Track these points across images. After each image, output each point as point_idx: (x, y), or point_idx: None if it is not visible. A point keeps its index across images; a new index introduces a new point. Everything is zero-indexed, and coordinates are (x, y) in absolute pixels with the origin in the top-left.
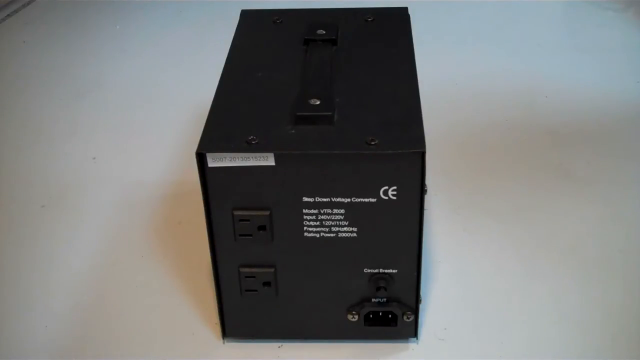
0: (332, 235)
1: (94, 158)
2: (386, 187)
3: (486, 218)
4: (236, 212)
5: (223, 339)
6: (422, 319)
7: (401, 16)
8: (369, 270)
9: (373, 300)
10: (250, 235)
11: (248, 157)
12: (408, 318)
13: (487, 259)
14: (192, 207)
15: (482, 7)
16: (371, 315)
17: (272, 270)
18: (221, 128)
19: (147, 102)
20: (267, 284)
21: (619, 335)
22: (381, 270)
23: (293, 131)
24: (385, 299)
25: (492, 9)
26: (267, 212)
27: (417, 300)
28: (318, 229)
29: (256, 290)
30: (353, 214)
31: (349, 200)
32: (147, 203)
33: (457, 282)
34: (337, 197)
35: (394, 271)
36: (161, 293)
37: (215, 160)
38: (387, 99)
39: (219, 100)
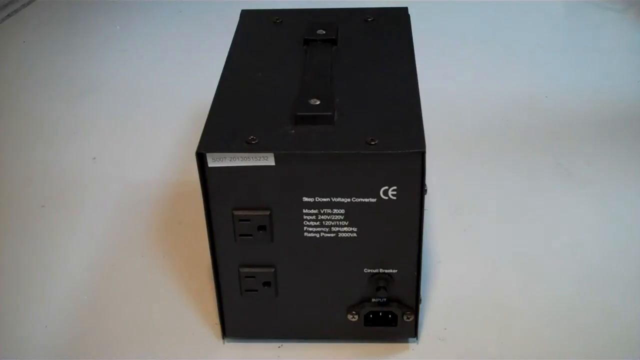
0: (332, 235)
1: (94, 158)
2: (386, 187)
3: (486, 218)
4: (236, 212)
5: (223, 339)
6: (422, 319)
7: (401, 16)
8: (369, 270)
9: (373, 300)
10: (250, 235)
11: (248, 157)
12: (408, 318)
13: (487, 259)
14: (192, 207)
15: (482, 7)
16: (371, 315)
17: (272, 270)
18: (221, 128)
19: (147, 102)
20: (267, 284)
21: (618, 336)
22: (381, 270)
23: (293, 131)
24: (385, 299)
25: (492, 9)
26: (267, 212)
27: (417, 300)
28: (318, 229)
29: (256, 290)
30: (353, 214)
31: (349, 200)
32: (147, 203)
33: (457, 282)
34: (337, 197)
35: (394, 271)
36: (161, 293)
37: (215, 160)
38: (387, 99)
39: (219, 100)
